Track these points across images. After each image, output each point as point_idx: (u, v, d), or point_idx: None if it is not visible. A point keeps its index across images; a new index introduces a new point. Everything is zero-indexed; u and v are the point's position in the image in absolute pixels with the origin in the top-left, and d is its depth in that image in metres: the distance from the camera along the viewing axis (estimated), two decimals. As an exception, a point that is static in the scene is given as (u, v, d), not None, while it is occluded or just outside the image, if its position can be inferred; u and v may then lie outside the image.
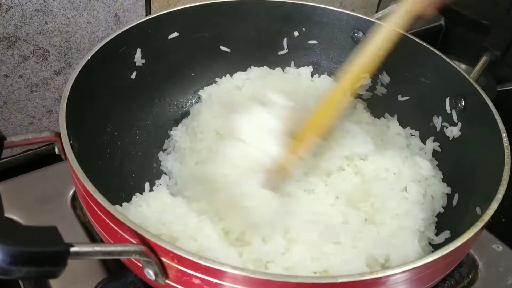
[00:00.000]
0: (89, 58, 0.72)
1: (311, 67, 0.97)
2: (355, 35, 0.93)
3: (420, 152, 0.84)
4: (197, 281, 0.50)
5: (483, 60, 0.82)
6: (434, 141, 0.85)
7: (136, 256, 0.49)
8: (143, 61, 0.84)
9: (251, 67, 0.96)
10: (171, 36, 0.87)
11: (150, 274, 0.51)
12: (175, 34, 0.87)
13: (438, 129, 0.84)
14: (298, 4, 0.93)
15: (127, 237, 0.52)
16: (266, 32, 0.94)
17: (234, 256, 0.61)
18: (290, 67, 0.98)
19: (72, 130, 0.62)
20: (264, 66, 0.96)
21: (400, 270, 0.50)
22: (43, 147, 0.95)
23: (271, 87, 0.88)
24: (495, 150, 0.68)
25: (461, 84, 0.79)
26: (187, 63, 0.90)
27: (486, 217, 0.57)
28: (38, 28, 0.82)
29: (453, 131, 0.81)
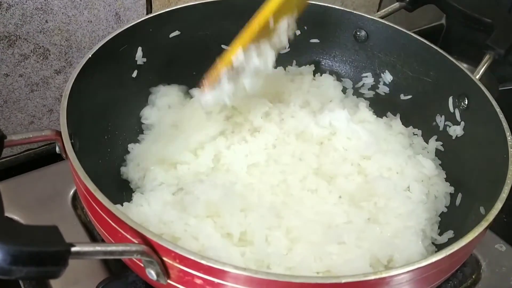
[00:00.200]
0: (90, 56, 0.72)
1: (313, 65, 0.96)
2: (357, 33, 0.93)
3: (423, 152, 0.84)
4: (199, 281, 0.49)
5: (486, 59, 0.81)
6: (437, 140, 0.84)
7: (138, 256, 0.49)
8: (144, 59, 0.84)
9: (253, 66, 0.95)
10: (172, 35, 0.86)
11: (151, 274, 0.51)
12: (176, 33, 0.87)
13: (441, 128, 0.84)
14: (300, 3, 0.93)
15: (129, 236, 0.51)
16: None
17: (236, 256, 0.61)
18: (292, 65, 0.97)
19: (73, 129, 0.61)
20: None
21: (404, 270, 0.49)
22: (43, 146, 0.95)
23: (272, 85, 0.87)
24: (499, 149, 0.68)
25: (464, 83, 0.79)
26: (189, 62, 0.90)
27: (490, 216, 0.57)
28: (38, 26, 0.82)
29: (456, 130, 0.81)
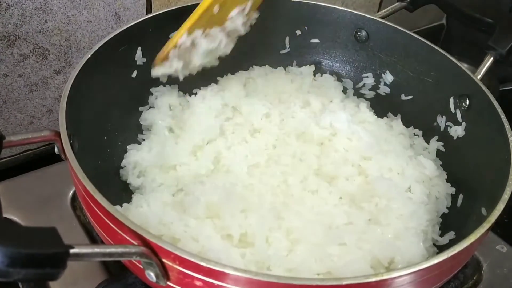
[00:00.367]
0: (89, 56, 0.71)
1: (313, 66, 0.96)
2: (358, 33, 0.93)
3: (424, 152, 0.84)
4: (199, 283, 0.49)
5: (488, 59, 0.81)
6: (438, 140, 0.84)
7: (137, 257, 0.49)
8: (144, 59, 0.83)
9: (253, 66, 0.95)
10: (172, 35, 0.86)
11: (151, 276, 0.51)
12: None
13: (442, 128, 0.84)
14: (301, 3, 0.92)
15: (128, 238, 0.51)
16: (268, 31, 0.94)
17: (236, 257, 0.60)
18: (292, 66, 0.97)
19: (72, 130, 0.61)
20: (266, 65, 0.95)
21: (406, 272, 0.49)
22: (42, 147, 0.95)
23: (273, 86, 0.87)
24: (501, 150, 0.67)
25: (465, 83, 0.78)
26: (188, 62, 0.89)
27: (492, 218, 0.56)
28: (38, 27, 0.82)
29: (457, 131, 0.80)
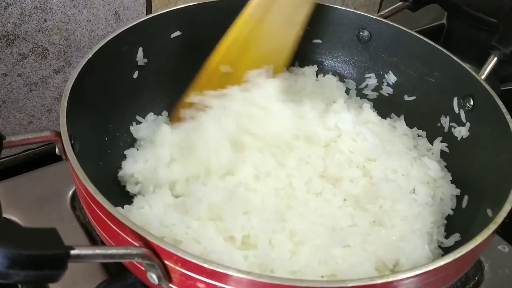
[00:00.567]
0: (90, 56, 0.71)
1: (315, 66, 0.95)
2: (360, 33, 0.92)
3: (428, 153, 0.83)
4: (201, 285, 0.48)
5: (492, 59, 0.80)
6: (442, 141, 0.83)
7: (139, 259, 0.48)
8: (145, 60, 0.83)
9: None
10: (173, 35, 0.86)
11: (153, 278, 0.50)
12: (178, 33, 0.86)
13: (446, 129, 0.83)
14: (303, 3, 0.92)
15: (129, 239, 0.50)
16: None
17: (239, 259, 0.59)
18: (295, 66, 0.96)
19: (72, 130, 0.60)
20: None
21: (411, 274, 0.48)
22: (42, 146, 0.94)
23: (275, 86, 0.86)
24: (506, 150, 0.67)
25: (469, 83, 0.78)
26: (190, 63, 0.89)
27: (499, 219, 0.56)
28: (37, 26, 0.81)
29: (461, 131, 0.80)
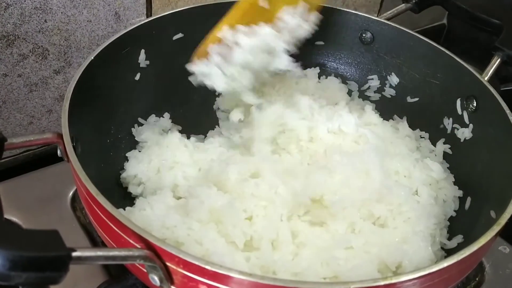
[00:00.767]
0: (92, 58, 0.71)
1: (318, 68, 0.95)
2: (363, 35, 0.92)
3: (431, 155, 0.83)
4: (203, 287, 0.48)
5: (495, 60, 0.80)
6: (444, 143, 0.83)
7: (141, 261, 0.48)
8: (147, 62, 0.83)
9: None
10: (175, 37, 0.85)
11: (155, 279, 0.50)
12: (180, 35, 0.86)
13: (449, 131, 0.83)
14: (304, 4, 0.92)
15: (131, 241, 0.50)
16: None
17: (241, 261, 0.59)
18: (297, 68, 0.96)
19: (74, 132, 0.60)
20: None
21: (415, 276, 0.48)
22: (42, 147, 0.94)
23: (278, 88, 0.86)
24: (509, 151, 0.67)
25: (472, 84, 0.78)
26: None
27: (502, 220, 0.55)
28: (37, 26, 0.81)
29: (464, 133, 0.79)
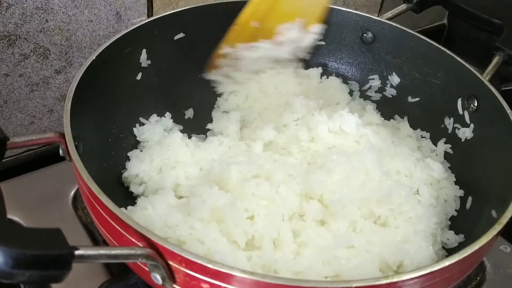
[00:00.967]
0: (94, 58, 0.71)
1: (320, 68, 0.95)
2: (364, 35, 0.92)
3: (432, 154, 0.83)
4: (205, 285, 0.48)
5: (496, 60, 0.80)
6: (445, 143, 0.83)
7: (143, 259, 0.48)
8: (149, 62, 0.83)
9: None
10: (177, 37, 0.86)
11: (157, 278, 0.50)
12: (181, 35, 0.86)
13: (450, 130, 0.83)
14: (306, 4, 0.92)
15: (133, 240, 0.50)
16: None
17: (243, 260, 0.59)
18: (299, 68, 0.96)
19: (76, 131, 0.61)
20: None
21: (416, 275, 0.48)
22: (43, 147, 0.94)
23: (281, 88, 0.86)
24: (510, 151, 0.67)
25: (473, 84, 0.78)
26: (194, 64, 0.89)
27: (504, 219, 0.56)
28: (38, 26, 0.81)
29: (465, 133, 0.79)
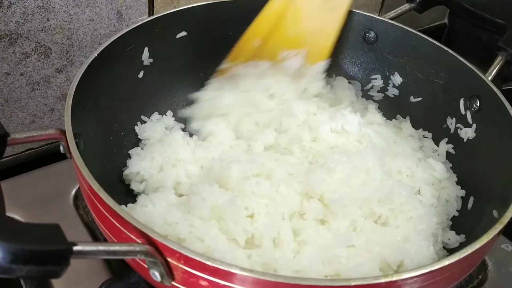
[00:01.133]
0: (96, 55, 0.71)
1: (322, 67, 0.95)
2: (367, 35, 0.91)
3: (434, 154, 0.82)
4: (204, 283, 0.48)
5: (499, 60, 0.80)
6: (447, 143, 0.83)
7: (142, 256, 0.48)
8: (151, 60, 0.83)
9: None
10: (179, 35, 0.86)
11: (155, 275, 0.50)
12: (183, 33, 0.86)
13: (452, 130, 0.82)
14: (307, 3, 0.91)
15: (133, 236, 0.50)
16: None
17: (242, 258, 0.59)
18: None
19: (77, 128, 0.61)
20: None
21: (416, 274, 0.48)
22: (44, 146, 0.94)
23: (284, 88, 0.86)
24: (512, 151, 0.66)
25: (476, 84, 0.77)
26: (196, 63, 0.89)
27: (505, 219, 0.55)
28: (39, 25, 0.81)
29: (467, 133, 0.79)
